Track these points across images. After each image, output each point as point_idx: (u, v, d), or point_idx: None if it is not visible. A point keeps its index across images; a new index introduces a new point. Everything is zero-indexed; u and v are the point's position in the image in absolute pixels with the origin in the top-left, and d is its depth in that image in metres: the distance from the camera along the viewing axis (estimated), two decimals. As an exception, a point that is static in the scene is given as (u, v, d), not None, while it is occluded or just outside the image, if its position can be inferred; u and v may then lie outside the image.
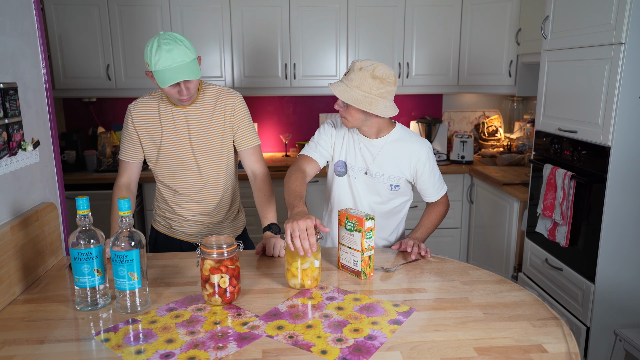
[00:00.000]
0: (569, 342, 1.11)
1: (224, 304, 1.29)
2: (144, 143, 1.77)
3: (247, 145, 1.81)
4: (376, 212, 1.78)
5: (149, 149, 1.77)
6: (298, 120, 3.93)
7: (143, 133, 1.75)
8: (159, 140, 1.75)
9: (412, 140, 1.73)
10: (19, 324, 1.21)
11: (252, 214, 3.25)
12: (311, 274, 1.37)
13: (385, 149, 1.72)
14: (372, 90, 1.54)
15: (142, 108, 1.75)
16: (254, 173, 1.83)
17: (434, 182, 1.76)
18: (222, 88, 1.80)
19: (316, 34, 3.40)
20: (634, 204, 2.02)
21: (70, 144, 3.43)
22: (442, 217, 1.81)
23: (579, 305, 2.20)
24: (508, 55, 3.32)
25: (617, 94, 1.93)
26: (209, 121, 1.75)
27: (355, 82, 1.55)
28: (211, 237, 1.30)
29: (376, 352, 1.07)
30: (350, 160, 1.76)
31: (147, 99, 1.77)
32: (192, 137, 1.75)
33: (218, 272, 1.25)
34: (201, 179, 1.79)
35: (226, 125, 1.77)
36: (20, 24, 1.53)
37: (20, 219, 1.41)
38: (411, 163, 1.71)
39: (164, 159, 1.77)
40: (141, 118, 1.74)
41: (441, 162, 3.60)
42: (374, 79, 1.54)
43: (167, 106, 1.74)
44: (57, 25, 3.21)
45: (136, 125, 1.75)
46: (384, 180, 1.73)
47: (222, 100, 1.77)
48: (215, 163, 1.79)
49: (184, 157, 1.76)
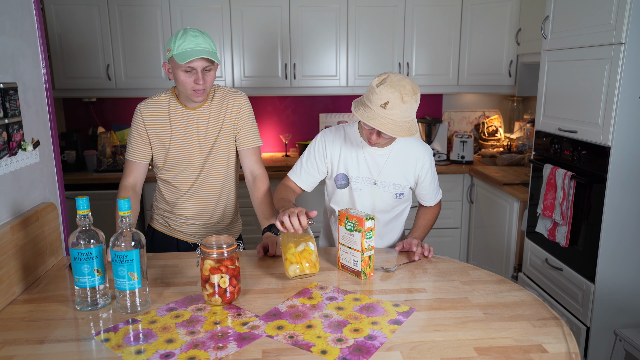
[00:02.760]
0: (569, 342, 1.11)
1: (224, 304, 1.29)
2: (153, 143, 1.76)
3: (248, 145, 1.81)
4: (380, 220, 1.78)
5: (157, 149, 1.77)
6: (298, 120, 3.93)
7: (152, 133, 1.75)
8: (167, 142, 1.75)
9: (416, 147, 1.72)
10: (19, 324, 1.21)
11: (251, 214, 3.25)
12: (308, 257, 1.37)
13: (392, 157, 1.70)
14: (414, 113, 1.50)
15: (152, 108, 1.74)
16: (253, 174, 1.83)
17: (434, 187, 1.80)
18: (228, 89, 1.81)
19: (316, 34, 3.40)
20: (634, 204, 2.02)
21: (70, 144, 3.43)
22: (436, 217, 1.84)
23: (579, 305, 2.20)
24: (508, 55, 3.32)
25: (617, 94, 1.93)
26: (216, 122, 1.76)
27: (403, 113, 1.46)
28: (211, 237, 1.30)
29: (376, 352, 1.07)
30: (353, 172, 1.72)
31: (157, 99, 1.75)
32: (200, 139, 1.75)
33: (218, 272, 1.25)
34: (204, 178, 1.80)
35: (231, 125, 1.78)
36: (20, 24, 1.53)
37: (20, 219, 1.41)
38: (416, 170, 1.72)
39: (172, 159, 1.77)
40: (152, 118, 1.74)
41: (441, 162, 3.60)
42: (416, 102, 1.48)
43: (177, 107, 1.74)
44: (57, 25, 3.21)
45: (147, 125, 1.74)
46: (390, 190, 1.72)
47: (229, 101, 1.78)
48: (220, 163, 1.80)
49: (191, 158, 1.77)
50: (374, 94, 1.46)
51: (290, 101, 3.89)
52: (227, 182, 1.85)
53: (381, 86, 1.45)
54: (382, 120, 1.46)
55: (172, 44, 1.60)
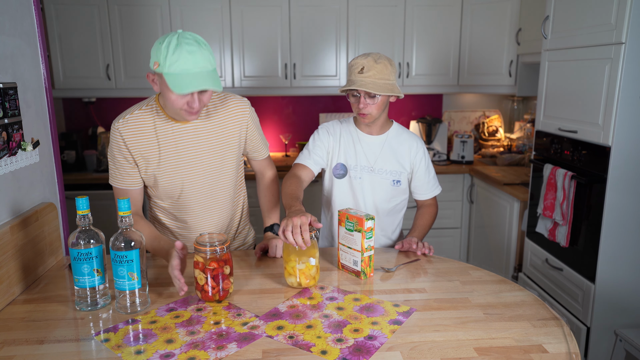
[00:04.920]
0: (569, 342, 1.10)
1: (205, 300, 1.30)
2: (140, 166, 1.49)
3: (257, 157, 1.72)
4: (379, 210, 1.80)
5: (145, 173, 1.50)
6: (298, 120, 3.93)
7: (138, 155, 1.47)
8: (156, 163, 1.48)
9: (410, 137, 1.80)
10: (19, 324, 1.21)
11: (255, 214, 3.25)
12: (308, 272, 1.37)
13: (387, 144, 1.77)
14: (392, 76, 1.64)
15: (133, 125, 1.45)
16: (263, 174, 1.78)
17: (429, 179, 1.81)
18: (226, 94, 1.57)
19: (316, 34, 3.40)
20: (634, 204, 2.02)
21: (70, 144, 3.43)
22: (434, 218, 1.84)
23: (579, 305, 2.20)
24: (508, 55, 3.32)
25: (617, 94, 1.92)
26: (216, 135, 1.52)
27: (379, 74, 1.60)
28: (205, 235, 1.31)
29: (376, 352, 1.07)
30: (351, 161, 1.77)
31: (137, 113, 1.46)
32: (197, 155, 1.51)
33: (197, 268, 1.29)
34: (209, 201, 1.59)
35: (236, 137, 1.56)
36: (20, 24, 1.53)
37: (20, 219, 1.40)
38: (410, 157, 1.78)
39: (165, 182, 1.52)
40: (134, 137, 1.45)
41: (441, 162, 3.60)
42: (392, 66, 1.63)
43: (165, 122, 1.46)
44: (57, 25, 3.21)
45: (129, 146, 1.45)
46: (387, 176, 1.77)
47: (230, 110, 1.54)
48: (225, 180, 1.60)
49: (188, 178, 1.53)
50: (351, 67, 1.64)
51: (291, 101, 3.89)
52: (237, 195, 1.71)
53: (355, 58, 1.65)
54: (361, 82, 1.60)
55: (160, 57, 1.28)
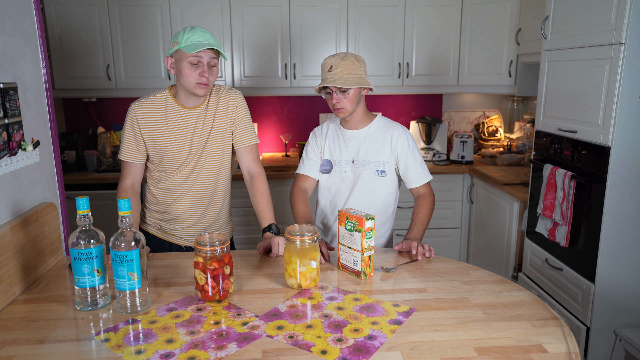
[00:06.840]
0: (569, 342, 1.11)
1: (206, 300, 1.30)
2: (148, 144, 1.75)
3: (245, 143, 1.82)
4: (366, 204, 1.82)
5: (153, 150, 1.76)
6: (298, 120, 3.93)
7: (147, 134, 1.73)
8: (163, 142, 1.74)
9: (393, 127, 1.85)
10: (19, 324, 1.21)
11: (251, 214, 3.25)
12: (308, 274, 1.37)
13: (369, 137, 1.84)
14: (360, 71, 1.73)
15: (147, 107, 1.73)
16: (250, 173, 1.84)
17: (416, 166, 1.82)
18: (223, 87, 1.81)
19: (316, 34, 3.40)
20: (634, 204, 2.02)
21: (70, 144, 3.43)
22: (432, 209, 1.84)
23: (579, 305, 2.20)
24: (508, 55, 3.32)
25: (617, 94, 1.93)
26: (213, 121, 1.77)
27: (347, 70, 1.71)
28: (205, 235, 1.31)
29: (376, 352, 1.07)
30: (336, 156, 1.87)
31: (152, 98, 1.74)
32: (197, 138, 1.75)
33: (197, 268, 1.29)
34: (196, 177, 1.80)
35: (227, 123, 1.79)
36: (20, 24, 1.53)
37: (20, 219, 1.41)
38: (392, 146, 1.82)
39: (168, 160, 1.76)
40: (146, 118, 1.72)
41: (441, 162, 3.60)
42: (359, 62, 1.74)
43: (175, 107, 1.73)
44: (57, 25, 3.21)
45: (141, 126, 1.72)
46: (370, 167, 1.82)
47: (224, 98, 1.79)
48: (215, 162, 1.80)
49: (187, 158, 1.76)
50: (322, 67, 1.77)
51: (290, 101, 3.89)
52: (220, 182, 1.85)
53: (325, 59, 1.78)
54: (331, 79, 1.71)
55: (179, 37, 1.62)
